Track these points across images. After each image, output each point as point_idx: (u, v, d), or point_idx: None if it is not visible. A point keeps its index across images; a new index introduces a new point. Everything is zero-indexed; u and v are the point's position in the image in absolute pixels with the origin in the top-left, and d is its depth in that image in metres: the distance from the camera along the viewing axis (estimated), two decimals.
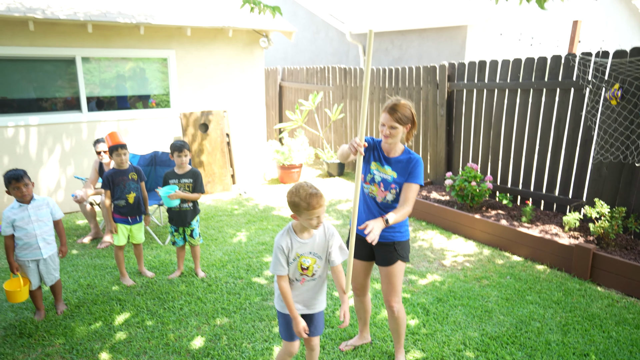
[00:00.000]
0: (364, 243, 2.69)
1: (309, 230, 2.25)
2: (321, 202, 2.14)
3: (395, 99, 2.54)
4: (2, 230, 3.33)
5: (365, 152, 2.61)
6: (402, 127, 2.48)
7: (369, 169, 2.62)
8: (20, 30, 5.68)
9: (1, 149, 5.86)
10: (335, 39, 11.37)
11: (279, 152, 7.53)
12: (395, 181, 2.53)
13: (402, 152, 2.60)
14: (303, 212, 2.13)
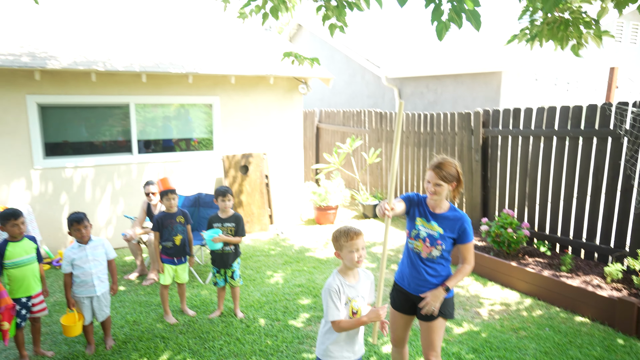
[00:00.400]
0: (407, 296, 2.76)
1: (354, 274, 2.38)
2: (360, 235, 2.32)
3: (441, 157, 2.67)
4: (62, 268, 3.63)
5: (409, 208, 2.73)
6: (447, 185, 2.59)
7: (414, 224, 2.71)
8: (83, 81, 6.24)
9: (60, 187, 6.33)
10: (371, 82, 11.71)
11: (316, 193, 7.73)
12: (442, 237, 2.61)
13: (448, 209, 2.68)
14: (344, 246, 2.30)
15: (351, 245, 2.29)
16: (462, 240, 2.64)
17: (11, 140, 5.99)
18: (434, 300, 2.55)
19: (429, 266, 2.65)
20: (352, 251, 2.29)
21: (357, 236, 2.31)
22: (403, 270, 2.78)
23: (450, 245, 2.66)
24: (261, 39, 8.86)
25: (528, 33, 4.28)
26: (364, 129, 8.99)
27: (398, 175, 8.16)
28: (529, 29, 4.24)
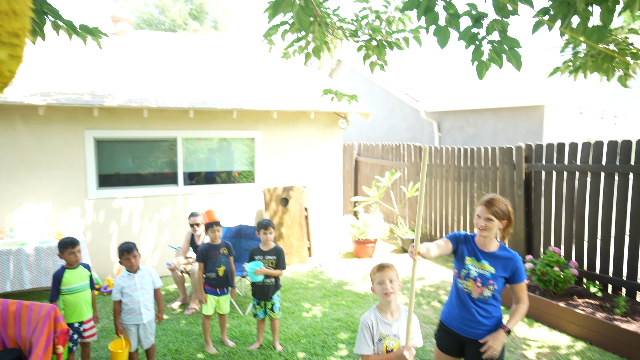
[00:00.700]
0: (455, 337, 2.69)
1: (392, 311, 2.40)
2: (390, 268, 2.37)
3: (492, 195, 2.67)
4: (112, 296, 3.80)
5: (456, 247, 2.70)
6: (497, 221, 2.56)
7: (463, 264, 2.65)
8: (136, 117, 6.64)
9: (110, 217, 6.66)
10: (410, 115, 11.78)
11: (354, 226, 7.74)
12: (494, 277, 2.55)
13: (498, 248, 2.64)
14: (374, 278, 2.37)
15: (380, 277, 2.36)
16: (516, 279, 2.58)
17: (69, 172, 6.40)
18: (496, 344, 2.47)
19: (481, 307, 2.58)
20: (380, 283, 2.35)
21: (386, 268, 2.39)
22: (451, 311, 2.71)
23: (502, 285, 2.59)
24: (302, 74, 9.16)
25: (571, 65, 4.26)
26: (402, 163, 9.00)
27: (438, 210, 8.06)
28: (572, 60, 4.22)
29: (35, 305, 3.39)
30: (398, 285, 2.44)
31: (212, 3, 28.17)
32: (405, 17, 4.84)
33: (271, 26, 4.47)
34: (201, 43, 10.60)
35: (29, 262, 5.72)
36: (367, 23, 4.90)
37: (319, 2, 4.60)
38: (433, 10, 2.87)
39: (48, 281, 5.75)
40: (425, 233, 8.41)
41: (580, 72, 4.13)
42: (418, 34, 4.61)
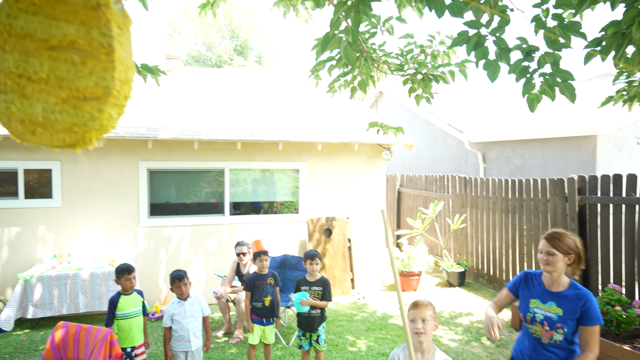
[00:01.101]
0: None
1: (424, 351, 2.29)
2: (424, 307, 2.28)
3: (556, 229, 2.51)
4: (163, 322, 3.90)
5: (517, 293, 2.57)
6: (561, 255, 2.38)
7: (527, 307, 2.50)
8: (187, 149, 6.94)
9: (159, 245, 6.90)
10: (454, 146, 11.65)
11: (398, 258, 7.62)
12: (562, 319, 2.36)
13: (568, 286, 2.43)
14: (408, 315, 2.27)
15: (413, 315, 2.27)
16: (584, 321, 2.32)
17: (123, 201, 6.72)
18: None
19: (554, 352, 2.40)
20: (413, 321, 2.26)
21: (420, 306, 2.29)
22: (523, 351, 2.56)
23: (573, 327, 2.37)
24: (345, 107, 9.32)
25: (625, 94, 4.14)
26: (447, 194, 8.86)
27: (485, 242, 7.83)
28: (626, 90, 4.10)
29: (93, 329, 3.54)
30: (432, 325, 2.32)
31: (257, 39, 29.37)
32: (451, 52, 4.89)
33: (318, 62, 4.62)
34: (247, 77, 11.04)
35: (84, 287, 5.98)
36: (412, 57, 4.98)
37: (365, 38, 4.73)
38: (483, 45, 2.90)
39: (101, 305, 5.98)
40: (471, 266, 8.16)
41: (636, 102, 4.00)
42: (464, 68, 4.64)
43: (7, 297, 6.23)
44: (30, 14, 1.26)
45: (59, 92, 1.31)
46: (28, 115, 1.28)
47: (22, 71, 1.26)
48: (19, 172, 6.36)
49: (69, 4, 1.33)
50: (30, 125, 1.29)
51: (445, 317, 6.24)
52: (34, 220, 6.40)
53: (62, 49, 1.32)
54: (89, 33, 1.35)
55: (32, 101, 1.29)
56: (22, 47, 1.25)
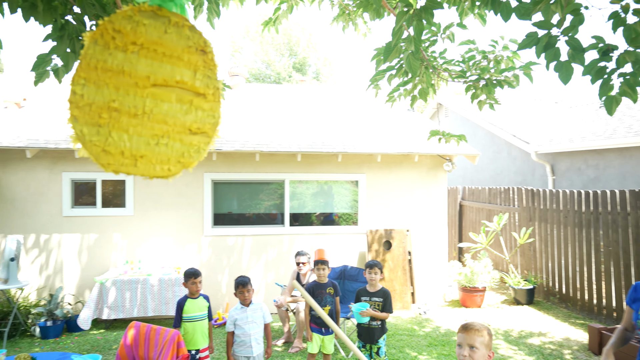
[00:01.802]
0: None
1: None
2: (473, 331, 2.06)
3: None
4: (227, 327, 4.00)
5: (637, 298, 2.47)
6: None
7: (638, 315, 2.44)
8: (249, 161, 7.16)
9: (222, 253, 7.12)
10: (519, 158, 11.14)
11: (461, 273, 7.35)
12: None
13: None
14: (457, 339, 2.11)
15: (461, 339, 2.08)
16: None
17: (189, 211, 7.03)
18: None
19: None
20: (459, 345, 2.07)
21: (471, 331, 2.07)
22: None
23: None
24: (404, 118, 9.23)
25: None
26: (512, 207, 8.46)
27: (556, 258, 7.37)
28: None
29: (162, 330, 3.69)
30: (483, 355, 2.05)
31: (314, 56, 29.93)
32: (515, 56, 4.72)
33: (378, 72, 4.61)
34: (306, 92, 11.25)
35: (152, 292, 6.29)
36: (474, 63, 4.85)
37: (425, 47, 4.68)
38: (554, 46, 2.78)
39: (167, 310, 6.25)
40: (541, 284, 7.69)
41: None
42: (529, 70, 4.45)
43: (86, 299, 6.67)
44: (129, 52, 1.37)
45: (163, 126, 1.43)
46: (128, 148, 1.38)
47: (119, 105, 1.36)
48: (97, 183, 6.86)
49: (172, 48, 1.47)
50: (130, 158, 1.39)
51: (514, 337, 5.91)
52: (109, 228, 6.84)
53: (167, 87, 1.44)
54: (195, 75, 1.47)
55: (131, 135, 1.39)
56: (117, 82, 1.36)
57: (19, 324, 6.04)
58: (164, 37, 1.46)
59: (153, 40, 1.44)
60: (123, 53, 1.36)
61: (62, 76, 3.50)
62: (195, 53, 1.52)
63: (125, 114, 1.36)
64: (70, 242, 6.74)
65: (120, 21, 1.36)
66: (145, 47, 1.40)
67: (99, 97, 1.32)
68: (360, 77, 41.58)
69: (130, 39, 1.38)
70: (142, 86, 1.40)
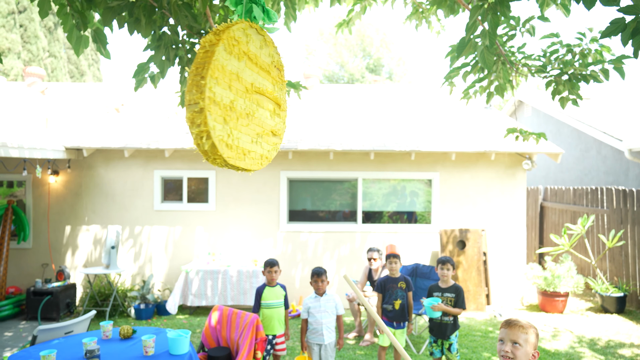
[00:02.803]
0: None
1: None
2: (517, 327, 1.98)
3: None
4: (302, 315, 4.21)
5: None
6: None
7: None
8: (322, 159, 7.38)
9: (296, 248, 7.40)
10: (610, 156, 10.33)
11: (541, 277, 7.01)
12: None
13: None
14: (499, 334, 2.05)
15: (503, 334, 2.01)
16: None
17: (266, 207, 7.39)
18: None
19: None
20: (501, 340, 2.01)
21: (515, 326, 1.99)
22: None
23: None
24: (480, 116, 8.96)
25: None
26: (600, 209, 7.90)
27: None
28: None
29: (243, 314, 3.98)
30: (526, 353, 1.96)
31: (388, 56, 29.75)
32: (604, 49, 4.45)
33: (452, 69, 4.59)
34: (379, 92, 11.29)
35: (232, 282, 6.71)
36: (557, 58, 4.65)
37: (503, 41, 4.58)
38: None
39: (245, 300, 6.64)
40: (634, 292, 7.11)
41: None
42: (620, 65, 4.18)
43: (172, 286, 7.27)
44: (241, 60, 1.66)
45: (259, 128, 1.76)
46: (241, 144, 1.66)
47: (236, 106, 1.63)
48: (183, 180, 7.43)
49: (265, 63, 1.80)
50: (241, 153, 1.66)
51: (601, 346, 5.54)
52: (193, 221, 7.39)
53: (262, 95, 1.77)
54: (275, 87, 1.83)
55: (243, 133, 1.67)
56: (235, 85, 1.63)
57: (118, 305, 6.74)
58: (260, 52, 1.74)
59: (255, 54, 1.71)
60: (237, 60, 1.60)
61: (158, 82, 3.92)
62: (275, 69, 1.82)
63: (239, 114, 1.62)
64: (159, 233, 7.37)
65: (237, 32, 1.61)
66: (250, 58, 1.65)
67: (225, 97, 1.56)
68: (434, 76, 40.62)
69: (242, 48, 1.63)
70: (250, 91, 1.66)
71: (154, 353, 3.34)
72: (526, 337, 1.97)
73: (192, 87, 1.47)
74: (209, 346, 4.07)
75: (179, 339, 3.34)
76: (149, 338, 3.32)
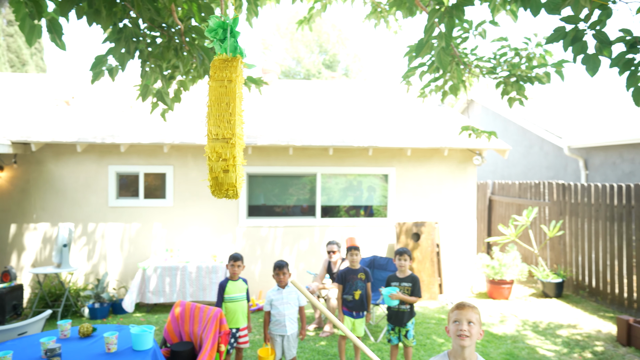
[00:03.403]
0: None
1: (464, 358, 2.12)
2: (470, 308, 2.14)
3: None
4: (264, 307, 4.28)
5: None
6: None
7: None
8: (282, 154, 7.44)
9: (256, 243, 7.43)
10: (551, 152, 11.03)
11: (489, 266, 7.43)
12: None
13: None
14: (450, 317, 2.16)
15: (457, 315, 2.13)
16: None
17: (225, 202, 7.36)
18: None
19: None
20: (457, 322, 2.12)
21: (467, 308, 2.14)
22: None
23: None
24: (434, 113, 9.31)
25: None
26: (543, 202, 8.45)
27: (586, 252, 7.35)
28: None
29: (206, 308, 4.00)
30: (478, 331, 2.14)
31: (344, 52, 30.05)
32: (547, 54, 4.79)
33: (410, 68, 4.78)
34: (337, 88, 11.45)
35: (191, 278, 6.65)
36: (506, 60, 4.95)
37: (457, 43, 4.82)
38: (581, 39, 2.89)
39: (205, 296, 6.60)
40: (570, 277, 7.68)
41: None
42: (561, 68, 4.53)
43: (128, 284, 7.11)
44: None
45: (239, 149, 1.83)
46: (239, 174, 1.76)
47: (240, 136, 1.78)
48: (140, 176, 7.26)
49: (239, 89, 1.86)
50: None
51: (542, 328, 5.98)
52: (150, 218, 7.25)
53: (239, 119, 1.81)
54: None
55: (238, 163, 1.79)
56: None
57: (70, 305, 6.51)
58: (238, 79, 1.79)
59: (237, 80, 1.76)
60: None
61: (116, 75, 3.84)
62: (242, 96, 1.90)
63: (236, 141, 1.70)
64: (115, 230, 7.18)
65: (239, 66, 1.70)
66: (234, 83, 1.71)
67: (240, 130, 1.69)
68: (389, 74, 41.43)
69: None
70: (234, 115, 1.73)
71: (117, 350, 3.31)
72: (477, 317, 2.15)
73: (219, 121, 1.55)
74: (172, 341, 4.06)
75: (143, 335, 3.33)
76: (111, 335, 3.28)
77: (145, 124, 7.56)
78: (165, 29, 3.71)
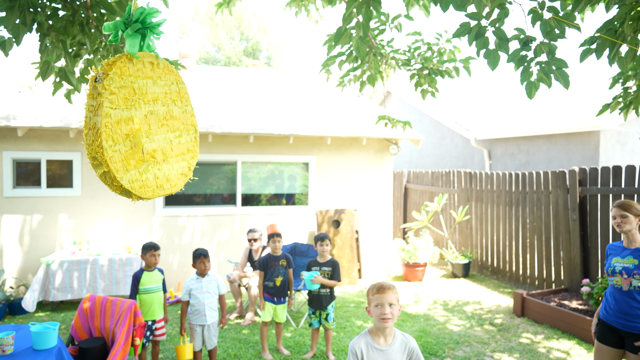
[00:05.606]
0: (614, 332, 2.96)
1: (387, 335, 2.20)
2: (390, 290, 2.18)
3: (623, 200, 3.04)
4: (182, 296, 4.17)
5: (609, 257, 3.09)
6: (632, 216, 2.93)
7: (610, 264, 3.02)
8: (201, 142, 7.21)
9: (174, 233, 7.17)
10: (460, 144, 11.84)
11: (404, 250, 7.84)
12: (637, 267, 2.88)
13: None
14: (372, 300, 2.19)
15: (379, 299, 2.15)
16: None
17: None
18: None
19: (635, 298, 2.85)
20: (379, 306, 2.15)
21: (387, 290, 2.17)
22: (607, 307, 3.02)
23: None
24: (354, 104, 9.56)
25: (621, 101, 4.27)
26: (453, 189, 9.07)
27: (489, 235, 8.03)
28: (622, 96, 4.21)
29: (118, 301, 3.80)
30: (398, 309, 2.20)
31: (266, 41, 29.72)
32: (456, 50, 5.12)
33: (329, 57, 4.85)
34: (259, 76, 11.32)
35: (102, 272, 6.27)
36: (420, 54, 5.21)
37: (374, 35, 4.98)
38: (483, 35, 3.13)
39: (118, 290, 6.27)
40: (476, 258, 8.36)
41: (632, 109, 4.09)
42: (468, 64, 4.87)
43: (29, 282, 6.53)
44: None
45: None
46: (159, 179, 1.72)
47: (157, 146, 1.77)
48: (41, 163, 6.66)
49: None
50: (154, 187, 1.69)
51: (451, 305, 6.44)
52: (55, 209, 6.69)
53: None
54: None
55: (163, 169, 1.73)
56: None
57: None
58: None
59: None
60: None
61: (10, 49, 3.47)
62: None
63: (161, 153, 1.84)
64: (12, 223, 6.54)
65: None
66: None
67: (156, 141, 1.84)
68: (311, 64, 41.72)
69: None
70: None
71: (14, 351, 3.04)
72: (396, 296, 2.22)
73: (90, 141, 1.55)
74: (80, 339, 3.81)
75: (45, 332, 3.09)
76: (6, 335, 3.00)
77: (47, 106, 6.93)
78: (69, 1, 3.41)
